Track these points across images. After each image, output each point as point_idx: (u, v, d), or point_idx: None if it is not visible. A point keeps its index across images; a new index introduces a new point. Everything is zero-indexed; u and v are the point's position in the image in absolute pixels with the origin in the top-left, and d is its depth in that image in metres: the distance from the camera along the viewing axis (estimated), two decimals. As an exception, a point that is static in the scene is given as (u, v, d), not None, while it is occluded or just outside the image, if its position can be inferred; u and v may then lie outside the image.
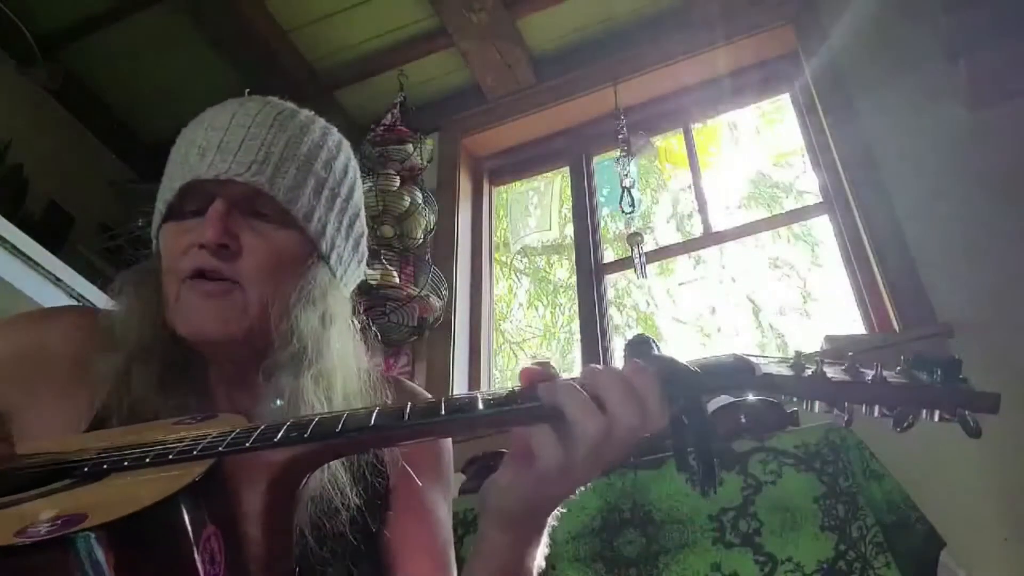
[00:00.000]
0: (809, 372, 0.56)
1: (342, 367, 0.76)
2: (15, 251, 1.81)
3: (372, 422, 0.55)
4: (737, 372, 0.57)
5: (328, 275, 0.80)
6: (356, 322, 0.82)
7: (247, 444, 0.53)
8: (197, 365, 0.77)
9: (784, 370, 0.57)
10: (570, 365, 3.99)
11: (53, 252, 1.95)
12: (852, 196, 2.14)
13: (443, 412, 0.55)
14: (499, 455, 0.58)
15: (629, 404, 0.56)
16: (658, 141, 2.87)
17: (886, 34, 2.31)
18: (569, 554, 1.34)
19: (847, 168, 2.17)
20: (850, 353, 0.59)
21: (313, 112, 0.86)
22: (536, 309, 4.40)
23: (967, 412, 0.54)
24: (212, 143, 0.76)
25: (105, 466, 0.52)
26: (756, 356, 0.59)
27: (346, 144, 0.87)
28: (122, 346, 0.74)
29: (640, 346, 0.62)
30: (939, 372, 0.55)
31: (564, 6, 2.61)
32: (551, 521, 0.63)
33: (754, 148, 3.61)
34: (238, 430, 0.55)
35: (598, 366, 0.60)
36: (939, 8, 2.04)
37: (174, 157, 0.80)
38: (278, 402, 0.75)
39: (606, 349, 2.38)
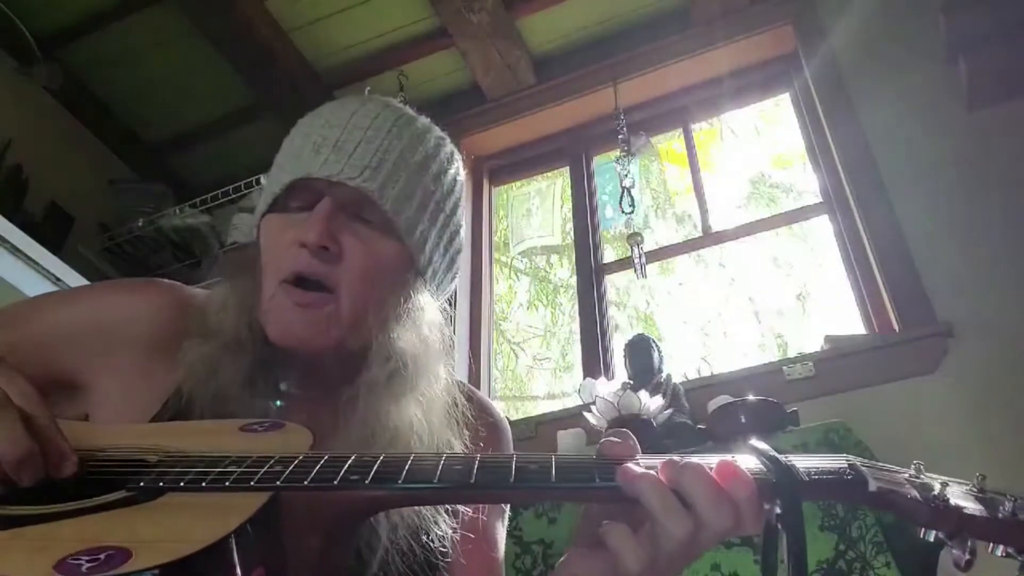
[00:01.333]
0: (933, 493, 0.48)
1: (438, 387, 0.74)
2: (15, 251, 1.81)
3: (436, 479, 0.50)
4: (850, 486, 0.50)
5: (424, 291, 0.78)
6: (448, 335, 0.79)
7: (306, 481, 0.50)
8: (285, 368, 0.75)
9: (902, 487, 0.50)
10: (570, 365, 3.99)
11: (53, 252, 1.96)
12: (852, 196, 2.14)
13: (512, 480, 0.50)
14: None
15: (722, 508, 0.50)
16: (658, 141, 2.87)
17: (886, 34, 2.31)
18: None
19: (847, 168, 2.17)
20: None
21: (430, 120, 0.84)
22: (536, 309, 4.40)
23: None
24: (328, 140, 0.75)
25: (161, 483, 0.50)
26: (870, 466, 0.52)
27: (458, 157, 0.86)
28: (215, 335, 0.72)
29: (640, 347, 0.60)
30: None
31: (564, 6, 2.61)
32: None
33: (754, 148, 3.61)
34: (300, 458, 0.52)
35: (686, 460, 0.53)
36: (939, 8, 2.04)
37: (287, 148, 0.79)
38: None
39: (606, 349, 2.38)
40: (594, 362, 2.34)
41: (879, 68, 2.27)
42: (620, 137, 2.50)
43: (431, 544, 0.69)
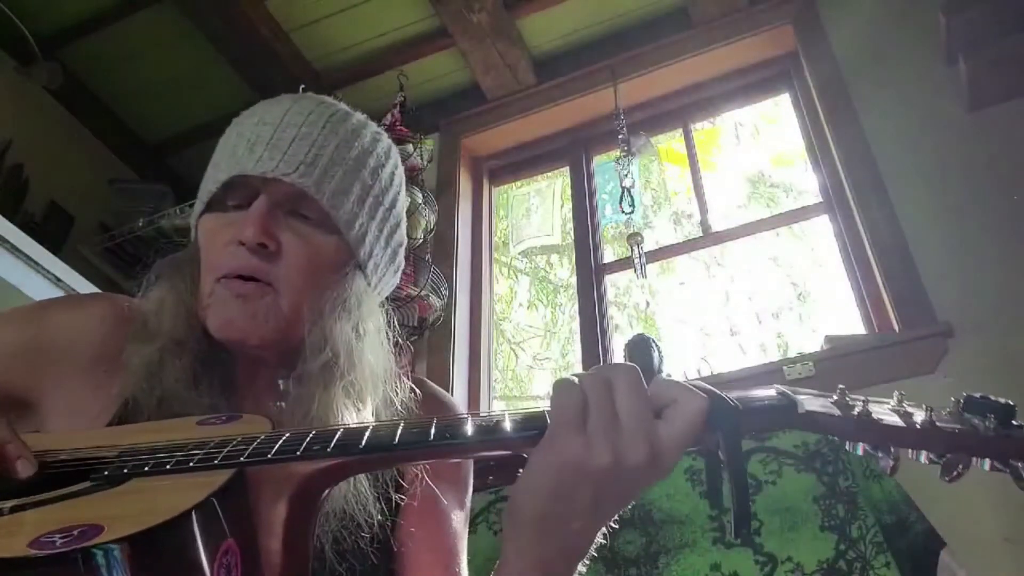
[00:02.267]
0: (855, 411, 0.52)
1: (373, 378, 0.74)
2: (15, 251, 1.81)
3: (396, 440, 0.53)
4: (779, 409, 0.54)
5: (363, 284, 0.78)
6: (388, 331, 0.80)
7: (269, 455, 0.52)
8: (228, 364, 0.76)
9: (829, 408, 0.53)
10: (570, 365, 3.99)
11: (53, 252, 1.95)
12: (852, 196, 2.14)
13: (470, 433, 0.53)
14: (506, 456, 0.56)
15: (638, 439, 0.51)
16: (658, 141, 2.87)
17: (886, 34, 2.31)
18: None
19: (847, 168, 2.17)
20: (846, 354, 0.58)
21: (366, 116, 0.84)
22: (536, 309, 4.40)
23: (1020, 463, 0.50)
24: (262, 138, 0.75)
25: (126, 470, 0.51)
26: (797, 391, 0.55)
27: (395, 151, 0.86)
28: (154, 338, 0.72)
29: (641, 347, 0.61)
30: (992, 417, 0.51)
31: (564, 6, 2.61)
32: (585, 550, 0.56)
33: (754, 148, 3.61)
34: (261, 437, 0.54)
35: (612, 373, 0.54)
36: (939, 8, 2.04)
37: (222, 146, 0.79)
38: (281, 404, 0.74)
39: (606, 349, 2.38)
40: (594, 362, 2.34)
41: (879, 68, 2.27)
42: (620, 137, 2.50)
43: (358, 529, 0.69)
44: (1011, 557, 1.50)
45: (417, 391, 0.80)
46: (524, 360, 4.25)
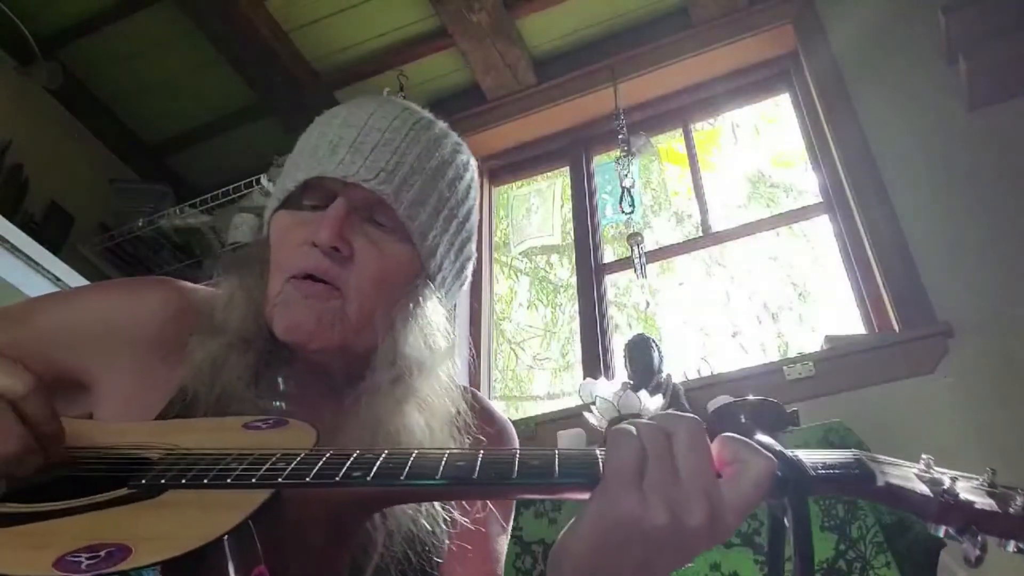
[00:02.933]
0: (943, 488, 0.48)
1: (442, 393, 0.73)
2: (15, 251, 1.81)
3: (439, 475, 0.50)
4: (854, 479, 0.49)
5: (432, 296, 0.77)
6: (453, 341, 0.79)
7: (308, 478, 0.49)
8: (292, 366, 0.74)
9: (911, 482, 0.49)
10: (570, 365, 4.00)
11: (53, 252, 1.96)
12: (852, 196, 2.14)
13: (515, 475, 0.50)
14: None
15: (698, 502, 0.47)
16: (658, 141, 2.87)
17: (886, 34, 2.31)
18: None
19: (847, 168, 2.18)
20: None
21: (447, 125, 0.83)
22: (536, 309, 4.41)
23: None
24: (345, 140, 0.74)
25: (163, 480, 0.50)
26: (875, 458, 0.51)
27: (473, 164, 0.84)
28: (221, 332, 0.71)
29: (641, 347, 0.60)
30: None
31: (564, 6, 2.61)
32: None
33: (754, 148, 3.61)
34: (301, 456, 0.52)
35: (674, 425, 0.50)
36: (939, 8, 2.04)
37: (302, 146, 0.78)
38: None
39: (606, 349, 2.38)
40: (594, 362, 2.35)
41: (879, 68, 2.27)
42: (620, 137, 2.50)
43: (427, 553, 0.68)
44: (1011, 557, 1.50)
45: (476, 406, 0.78)
46: (524, 360, 4.25)
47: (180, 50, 2.76)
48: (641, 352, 2.03)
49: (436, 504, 0.67)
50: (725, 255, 3.29)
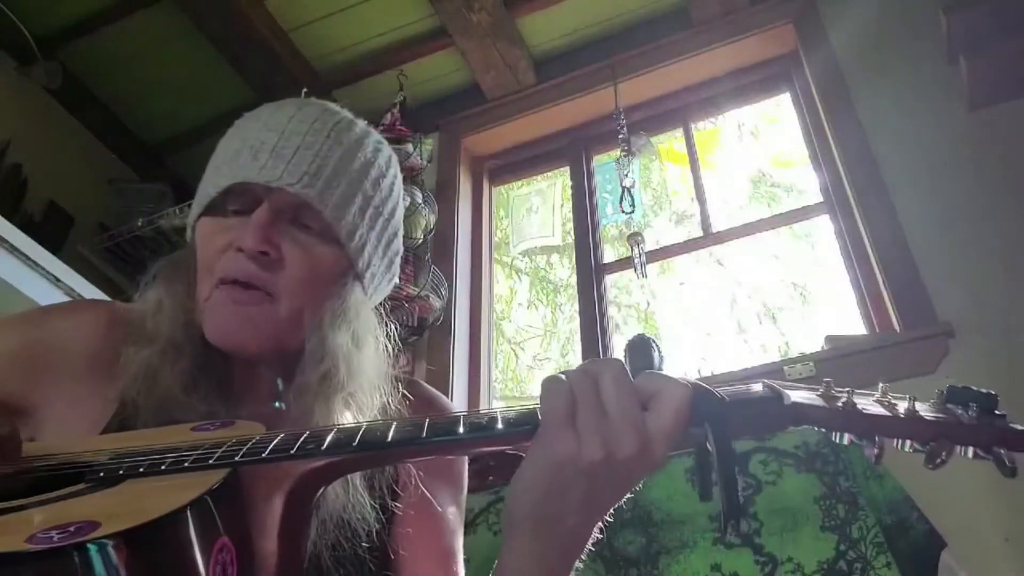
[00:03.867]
0: (840, 403, 0.54)
1: (370, 387, 0.75)
2: (15, 251, 1.81)
3: (389, 438, 0.54)
4: (764, 401, 0.55)
5: (361, 294, 0.79)
6: (383, 338, 0.81)
7: (264, 454, 0.52)
8: (225, 369, 0.75)
9: (814, 399, 0.54)
10: (570, 365, 3.99)
11: (53, 252, 1.95)
12: (852, 196, 2.14)
13: (462, 430, 0.54)
14: (500, 453, 0.57)
15: (627, 431, 0.52)
16: (658, 141, 2.87)
17: (887, 34, 2.31)
18: (569, 554, 1.33)
19: (847, 168, 2.17)
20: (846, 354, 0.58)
21: (367, 123, 0.84)
22: (536, 309, 4.40)
23: (1003, 450, 0.52)
24: (266, 145, 0.75)
25: (121, 471, 0.52)
26: (784, 384, 0.56)
27: (395, 160, 0.86)
28: (152, 340, 0.72)
29: (641, 347, 0.62)
30: (975, 407, 0.53)
31: (564, 6, 2.61)
32: (585, 538, 0.56)
33: (754, 148, 3.61)
34: (256, 438, 0.54)
35: (597, 367, 0.55)
36: (939, 8, 2.04)
37: (223, 150, 0.79)
38: (278, 404, 0.74)
39: (606, 348, 2.38)
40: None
41: (880, 68, 2.27)
42: (620, 137, 2.50)
43: (356, 538, 0.70)
44: (1011, 557, 1.50)
45: (410, 396, 0.80)
46: (524, 360, 4.25)
47: (180, 50, 2.76)
48: (641, 352, 2.03)
49: (362, 490, 0.69)
50: (726, 255, 3.29)
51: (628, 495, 0.56)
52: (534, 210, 2.95)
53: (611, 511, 0.56)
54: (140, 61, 2.81)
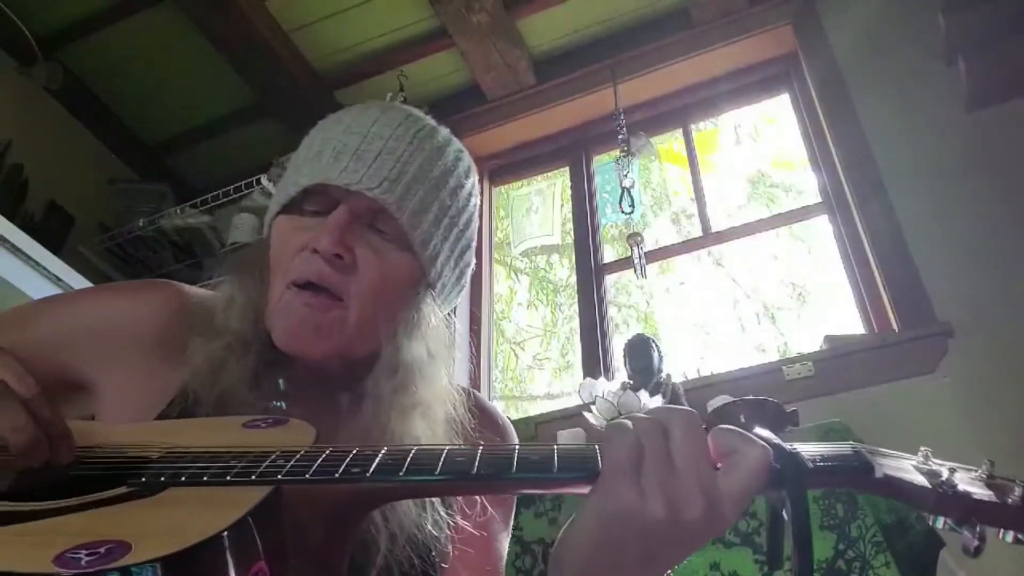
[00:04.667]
0: (941, 479, 0.48)
1: (444, 399, 0.73)
2: (15, 251, 1.81)
3: (438, 471, 0.50)
4: (852, 471, 0.50)
5: (432, 303, 0.77)
6: (453, 347, 0.79)
7: (307, 475, 0.50)
8: (291, 369, 0.74)
9: (909, 473, 0.49)
10: (570, 365, 3.99)
11: (53, 252, 1.96)
12: (852, 196, 2.14)
13: (514, 469, 0.50)
14: None
15: (695, 497, 0.47)
16: (658, 141, 2.87)
17: (886, 35, 2.31)
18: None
19: (847, 168, 2.18)
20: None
21: (450, 131, 0.83)
22: (536, 309, 4.40)
23: None
24: (349, 148, 0.74)
25: (163, 478, 0.50)
26: (874, 451, 0.51)
27: (474, 171, 0.85)
28: (221, 335, 0.71)
29: (640, 347, 0.60)
30: None
31: (564, 6, 2.61)
32: None
33: (753, 148, 3.61)
34: (301, 453, 0.52)
35: (669, 418, 0.50)
36: (938, 8, 2.04)
37: (305, 150, 0.78)
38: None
39: (606, 349, 2.38)
40: (594, 362, 2.35)
41: (879, 68, 2.27)
42: (620, 137, 2.50)
43: (431, 556, 0.68)
44: (1011, 557, 1.50)
45: (476, 408, 0.79)
46: (524, 360, 4.25)
47: (180, 50, 2.76)
48: (641, 352, 2.03)
49: (439, 508, 0.68)
50: (725, 255, 3.29)
51: (686, 559, 0.52)
52: (534, 210, 2.95)
53: (667, 573, 0.52)
54: (140, 61, 2.81)
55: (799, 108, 2.50)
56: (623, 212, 2.42)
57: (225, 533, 0.43)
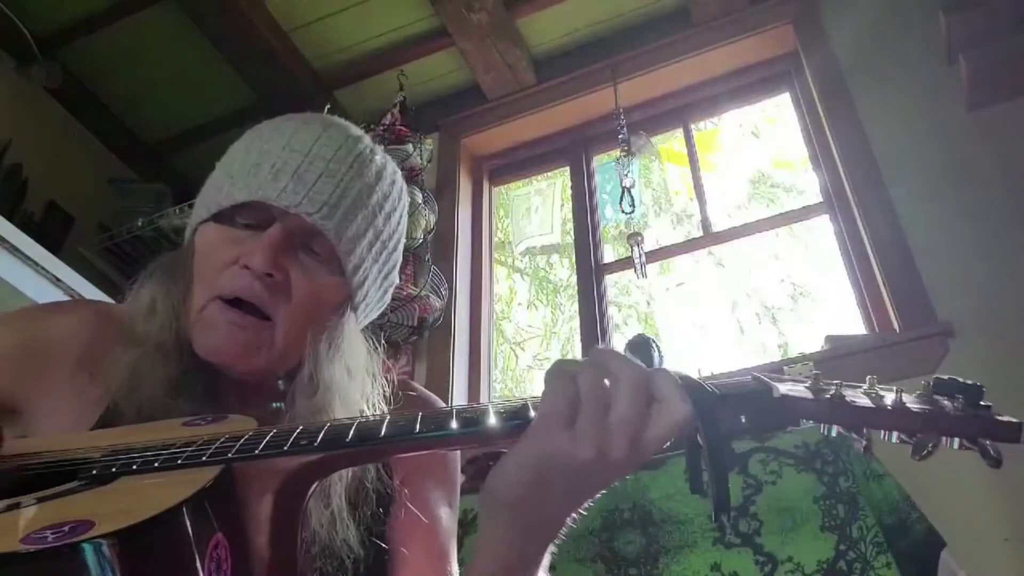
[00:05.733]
0: (828, 395, 0.54)
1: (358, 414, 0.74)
2: (15, 251, 1.81)
3: (382, 432, 0.54)
4: (754, 393, 0.55)
5: (354, 323, 0.78)
6: (372, 362, 0.80)
7: (257, 451, 0.52)
8: (213, 376, 0.74)
9: (803, 392, 0.55)
10: (570, 365, 3.98)
11: (53, 252, 1.95)
12: (852, 196, 2.14)
13: (454, 425, 0.54)
14: (500, 454, 0.57)
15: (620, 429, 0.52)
16: (658, 141, 2.87)
17: (886, 34, 2.31)
18: (569, 554, 1.34)
19: (847, 168, 2.17)
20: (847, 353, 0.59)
21: (383, 149, 0.84)
22: (536, 309, 4.40)
23: (988, 441, 0.52)
24: (289, 166, 0.73)
25: (114, 469, 0.51)
26: (774, 376, 0.57)
27: (405, 191, 0.86)
28: (140, 342, 0.71)
29: (641, 347, 0.62)
30: (960, 398, 0.54)
31: (564, 6, 2.61)
32: (562, 524, 0.58)
33: (754, 148, 3.61)
34: (249, 433, 0.55)
35: (615, 369, 0.54)
36: (938, 8, 2.04)
37: (241, 159, 0.77)
38: (274, 405, 0.74)
39: (606, 349, 2.38)
40: (594, 362, 2.34)
41: (879, 68, 2.27)
42: (620, 137, 2.50)
43: (373, 527, 0.70)
44: (1011, 557, 1.50)
45: (401, 393, 0.81)
46: (524, 360, 4.25)
47: (180, 50, 2.76)
48: (641, 352, 2.03)
49: (348, 520, 0.69)
50: (725, 255, 3.29)
51: (604, 490, 0.57)
52: (534, 209, 2.95)
53: (588, 502, 0.57)
54: (140, 61, 2.81)
55: (800, 108, 2.49)
56: (623, 212, 2.41)
57: (183, 505, 0.45)
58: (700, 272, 3.58)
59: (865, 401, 0.54)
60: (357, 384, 0.75)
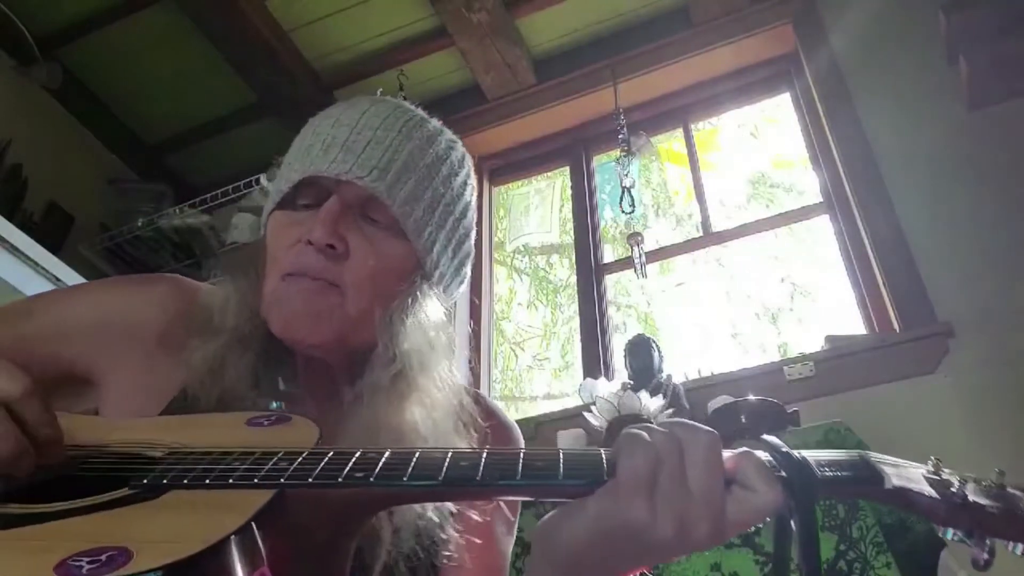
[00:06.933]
0: (953, 490, 0.47)
1: (443, 388, 0.72)
2: (15, 251, 1.81)
3: (442, 476, 0.49)
4: (865, 484, 0.49)
5: (430, 295, 0.77)
6: (453, 337, 0.79)
7: (310, 479, 0.49)
8: (291, 365, 0.74)
9: (921, 486, 0.48)
10: (569, 365, 3.99)
11: (53, 252, 1.96)
12: (852, 196, 2.14)
13: (519, 477, 0.49)
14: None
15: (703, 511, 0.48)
16: (658, 141, 2.87)
17: (886, 34, 2.31)
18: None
19: (847, 168, 2.17)
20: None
21: (441, 123, 0.83)
22: (536, 309, 4.40)
23: None
24: (338, 140, 0.74)
25: (165, 480, 0.50)
26: (882, 460, 0.50)
27: (469, 160, 0.85)
28: (218, 334, 0.71)
29: (641, 347, 0.60)
30: None
31: (564, 6, 2.61)
32: None
33: (754, 148, 3.60)
34: (304, 454, 0.51)
35: (690, 438, 0.50)
36: (939, 8, 2.04)
37: (297, 146, 0.78)
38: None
39: (606, 349, 2.38)
40: (594, 362, 2.34)
41: (879, 67, 2.27)
42: (620, 137, 2.50)
43: (435, 547, 0.68)
44: (1011, 557, 1.50)
45: (476, 406, 0.78)
46: (524, 360, 4.25)
47: (180, 50, 2.76)
48: (641, 352, 2.03)
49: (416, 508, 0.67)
50: (725, 255, 3.29)
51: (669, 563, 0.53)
52: (533, 207, 2.95)
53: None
54: (140, 61, 2.81)
55: (800, 107, 2.49)
56: (623, 212, 2.41)
57: (227, 539, 0.42)
58: (700, 272, 3.58)
59: (996, 504, 0.47)
60: (440, 356, 0.74)
